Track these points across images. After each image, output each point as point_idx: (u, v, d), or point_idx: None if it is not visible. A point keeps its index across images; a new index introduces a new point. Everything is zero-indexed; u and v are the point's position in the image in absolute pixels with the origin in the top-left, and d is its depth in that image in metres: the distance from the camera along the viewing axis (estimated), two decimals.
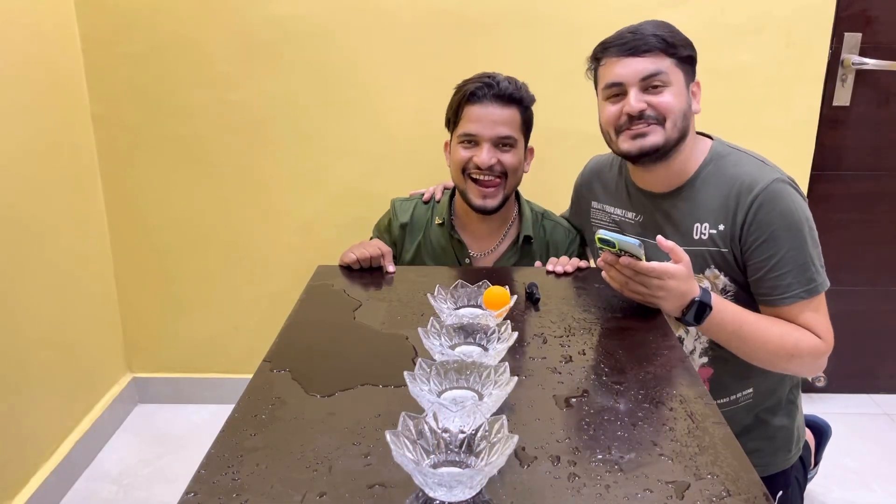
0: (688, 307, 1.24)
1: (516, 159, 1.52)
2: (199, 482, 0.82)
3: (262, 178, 2.23)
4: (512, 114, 1.50)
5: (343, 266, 1.50)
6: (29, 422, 1.88)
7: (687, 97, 1.35)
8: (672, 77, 1.32)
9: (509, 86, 1.50)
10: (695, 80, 1.39)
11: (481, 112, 1.50)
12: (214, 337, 2.39)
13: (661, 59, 1.31)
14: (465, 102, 1.51)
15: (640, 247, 1.20)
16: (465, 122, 1.52)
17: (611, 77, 1.35)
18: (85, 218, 2.17)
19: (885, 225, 2.31)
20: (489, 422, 0.83)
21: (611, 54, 1.35)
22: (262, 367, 1.09)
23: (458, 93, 1.55)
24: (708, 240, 1.37)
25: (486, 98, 1.49)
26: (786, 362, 1.33)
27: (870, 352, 2.42)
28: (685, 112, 1.34)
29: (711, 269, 1.38)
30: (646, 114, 1.32)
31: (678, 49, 1.33)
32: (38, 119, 1.93)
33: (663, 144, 1.33)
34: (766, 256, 1.31)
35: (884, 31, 2.13)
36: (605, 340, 1.19)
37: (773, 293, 1.32)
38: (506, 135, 1.50)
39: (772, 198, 1.30)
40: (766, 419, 1.48)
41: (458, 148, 1.54)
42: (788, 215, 1.29)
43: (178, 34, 2.10)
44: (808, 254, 1.30)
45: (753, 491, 0.80)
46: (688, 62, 1.36)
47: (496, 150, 1.50)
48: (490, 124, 1.49)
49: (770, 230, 1.30)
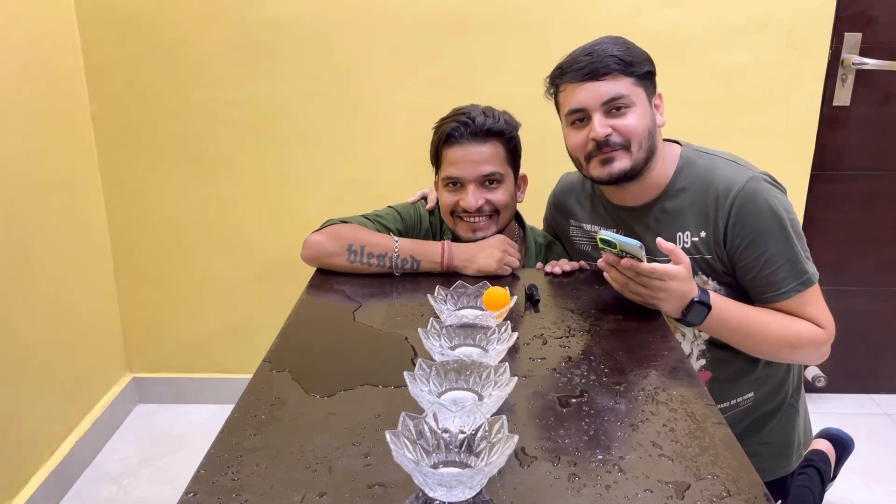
0: (688, 308, 1.25)
1: (506, 195, 1.46)
2: (199, 482, 0.82)
3: (262, 178, 2.23)
4: (494, 149, 1.43)
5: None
6: (29, 422, 1.88)
7: (650, 114, 1.34)
8: (634, 98, 1.31)
9: (486, 119, 1.43)
10: (656, 94, 1.37)
11: (460, 154, 1.43)
12: (214, 337, 2.39)
13: (621, 80, 1.30)
14: (443, 145, 1.45)
15: (641, 248, 1.20)
16: (447, 164, 1.45)
17: (573, 103, 1.33)
18: (85, 218, 2.17)
19: (885, 225, 2.31)
20: (489, 422, 0.83)
21: (570, 79, 1.33)
22: (262, 367, 1.09)
23: (435, 133, 1.48)
24: (692, 248, 1.37)
25: (463, 138, 1.42)
26: (789, 353, 1.34)
27: (870, 352, 2.42)
28: (650, 130, 1.33)
29: (699, 275, 1.38)
30: (611, 140, 1.31)
31: (636, 67, 1.31)
32: (38, 119, 1.93)
33: (631, 168, 1.33)
34: (754, 256, 1.31)
35: (884, 31, 2.13)
36: (605, 341, 1.19)
37: (768, 290, 1.32)
38: (490, 172, 1.43)
39: (750, 197, 1.30)
40: (764, 424, 1.48)
41: (444, 191, 1.48)
42: (769, 212, 1.30)
43: (177, 35, 2.10)
44: (794, 247, 1.31)
45: (754, 491, 0.80)
46: (647, 78, 1.34)
47: (483, 190, 1.44)
48: (472, 165, 1.42)
49: (754, 230, 1.30)
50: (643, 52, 1.35)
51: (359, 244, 1.43)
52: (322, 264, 1.46)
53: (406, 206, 1.61)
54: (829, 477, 1.75)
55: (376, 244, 1.44)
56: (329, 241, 1.44)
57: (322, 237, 1.45)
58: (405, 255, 1.43)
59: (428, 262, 1.44)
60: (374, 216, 1.54)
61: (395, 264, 1.43)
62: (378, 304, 1.35)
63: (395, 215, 1.57)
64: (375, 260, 1.43)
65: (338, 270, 1.45)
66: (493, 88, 2.02)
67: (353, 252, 1.43)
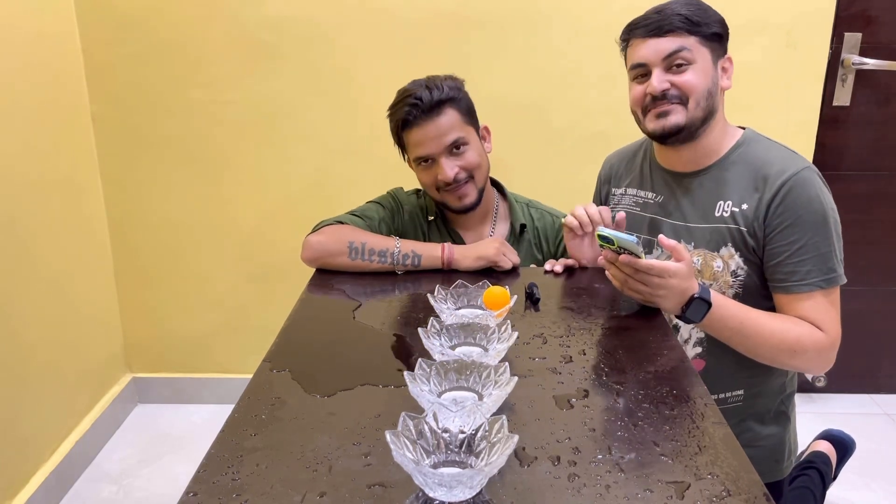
0: (687, 305, 1.23)
1: (475, 155, 1.50)
2: (199, 482, 0.82)
3: (262, 178, 2.23)
4: (449, 117, 1.47)
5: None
6: (29, 422, 1.88)
7: (713, 75, 1.34)
8: (696, 55, 1.32)
9: (432, 92, 1.45)
10: (725, 56, 1.38)
11: (421, 134, 1.47)
12: (214, 337, 2.40)
13: (685, 38, 1.31)
14: (403, 131, 1.49)
15: (638, 244, 1.19)
16: (413, 147, 1.49)
17: (635, 58, 1.36)
18: (85, 218, 2.17)
19: (885, 225, 2.31)
20: (489, 422, 0.83)
21: (636, 35, 1.36)
22: (262, 367, 1.09)
23: (391, 121, 1.52)
24: (729, 217, 1.36)
25: (418, 119, 1.46)
26: (788, 357, 1.31)
27: (870, 352, 2.42)
28: (710, 90, 1.34)
29: (728, 247, 1.37)
30: (668, 94, 1.33)
31: (703, 27, 1.32)
32: (38, 119, 1.93)
33: (687, 124, 1.34)
34: (789, 241, 1.30)
35: (884, 31, 2.13)
36: (605, 340, 1.19)
37: (790, 279, 1.31)
38: (454, 139, 1.47)
39: (802, 184, 1.30)
40: (753, 426, 1.45)
41: (419, 171, 1.52)
42: (816, 203, 1.30)
43: (177, 34, 2.10)
44: (831, 244, 1.30)
45: (754, 491, 0.80)
46: (715, 39, 1.34)
47: (453, 158, 1.48)
48: (435, 140, 1.46)
49: (797, 215, 1.30)
50: (716, 13, 1.36)
51: (359, 241, 1.45)
52: (324, 264, 1.47)
53: (384, 196, 1.64)
54: (831, 478, 1.75)
55: (377, 241, 1.46)
56: (330, 241, 1.46)
57: (322, 237, 1.47)
58: (406, 251, 1.45)
59: (428, 258, 1.45)
60: (360, 212, 1.57)
61: (397, 260, 1.44)
62: (378, 304, 1.35)
63: (375, 207, 1.60)
64: (377, 257, 1.44)
65: (339, 269, 1.46)
66: (494, 88, 2.01)
67: (355, 250, 1.44)
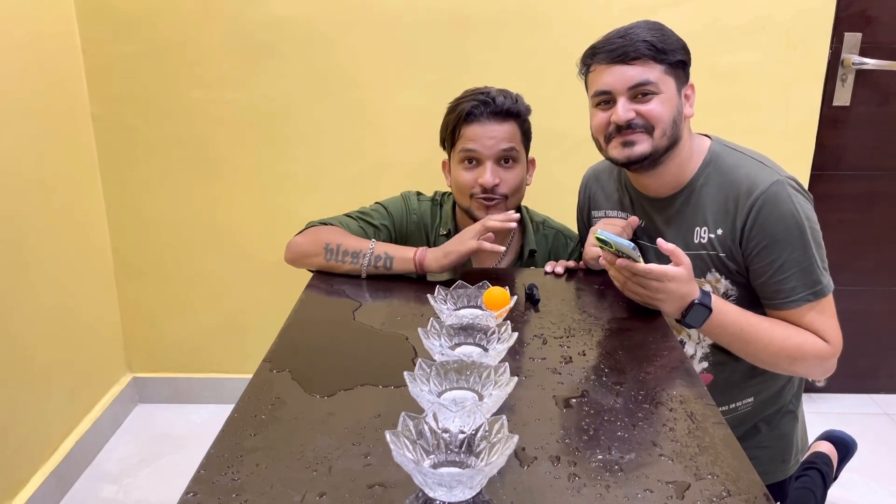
0: (687, 309, 1.23)
1: (519, 177, 1.49)
2: (199, 482, 0.82)
3: (262, 178, 2.23)
4: (511, 128, 1.47)
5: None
6: (29, 422, 1.88)
7: (678, 103, 1.32)
8: (662, 85, 1.29)
9: (505, 100, 1.46)
10: (688, 84, 1.35)
11: (480, 130, 1.46)
12: (214, 337, 2.39)
13: (651, 66, 1.28)
14: (462, 123, 1.47)
15: (635, 249, 1.19)
16: (465, 140, 1.47)
17: (599, 85, 1.32)
18: (85, 218, 2.17)
19: (885, 225, 2.31)
20: (489, 422, 0.83)
21: (600, 60, 1.32)
22: (262, 367, 1.09)
23: (452, 113, 1.50)
24: (707, 244, 1.35)
25: (482, 116, 1.45)
26: (789, 364, 1.31)
27: (870, 352, 2.41)
28: (675, 119, 1.31)
29: (713, 272, 1.37)
30: (634, 122, 1.29)
31: (668, 55, 1.29)
32: (38, 119, 1.93)
33: (651, 153, 1.31)
34: (768, 261, 1.29)
35: (884, 31, 2.13)
36: (605, 341, 1.19)
37: (777, 297, 1.30)
38: (508, 147, 1.46)
39: (771, 201, 1.27)
40: (763, 428, 1.47)
41: (460, 169, 1.49)
42: (789, 218, 1.27)
43: (177, 35, 2.10)
44: (811, 256, 1.28)
45: (754, 491, 0.80)
46: (679, 67, 1.32)
47: (499, 169, 1.47)
48: (490, 141, 1.45)
49: (771, 234, 1.27)
50: (679, 39, 1.33)
51: (335, 243, 1.46)
52: (302, 265, 1.50)
53: (393, 199, 1.62)
54: (832, 479, 1.75)
55: (353, 242, 1.47)
56: (308, 243, 1.48)
57: (302, 238, 1.50)
58: (379, 252, 1.44)
59: (400, 261, 1.43)
60: (358, 214, 1.57)
61: (369, 261, 1.44)
62: (378, 304, 1.35)
63: (380, 210, 1.59)
64: (350, 258, 1.45)
65: (316, 270, 1.48)
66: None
67: (330, 251, 1.46)
